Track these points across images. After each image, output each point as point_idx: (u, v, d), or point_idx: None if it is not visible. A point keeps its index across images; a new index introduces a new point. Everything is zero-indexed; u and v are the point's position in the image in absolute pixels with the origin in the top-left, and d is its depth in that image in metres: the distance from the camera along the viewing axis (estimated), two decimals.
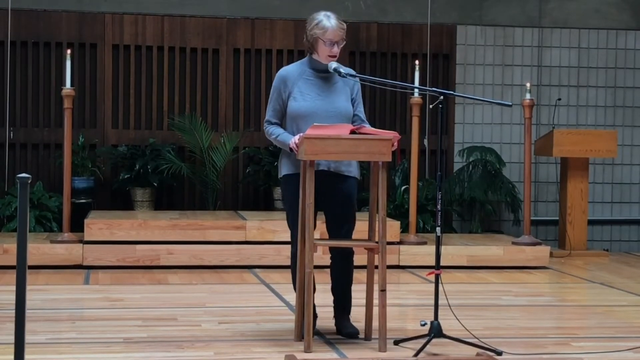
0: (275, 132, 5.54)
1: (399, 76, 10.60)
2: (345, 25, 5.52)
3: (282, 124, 5.56)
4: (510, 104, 5.77)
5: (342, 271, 5.63)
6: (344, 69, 5.51)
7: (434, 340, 5.22)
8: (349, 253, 5.60)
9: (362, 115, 5.64)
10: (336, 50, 5.47)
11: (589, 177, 10.29)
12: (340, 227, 5.55)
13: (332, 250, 5.62)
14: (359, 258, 5.72)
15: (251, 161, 10.39)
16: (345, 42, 5.53)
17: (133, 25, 10.23)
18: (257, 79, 10.42)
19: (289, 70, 5.60)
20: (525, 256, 9.03)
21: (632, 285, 8.11)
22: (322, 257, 6.28)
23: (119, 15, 10.21)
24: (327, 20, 5.46)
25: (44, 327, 5.79)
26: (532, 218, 9.68)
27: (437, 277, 5.30)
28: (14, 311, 3.76)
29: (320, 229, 5.61)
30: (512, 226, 10.56)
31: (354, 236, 5.62)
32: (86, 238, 8.48)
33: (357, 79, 5.64)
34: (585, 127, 10.84)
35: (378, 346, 5.24)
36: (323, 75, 5.52)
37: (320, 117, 5.42)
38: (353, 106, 5.58)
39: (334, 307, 5.68)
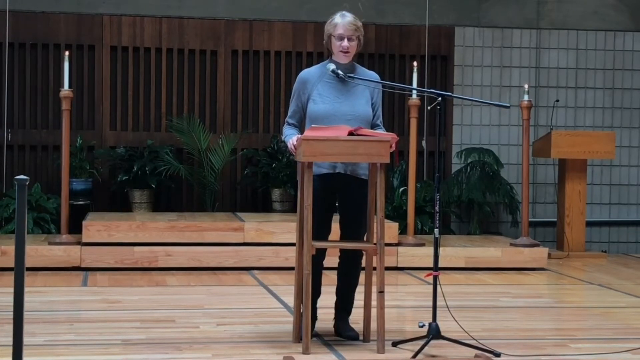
0: (285, 133, 5.58)
1: (397, 78, 10.60)
2: (359, 23, 5.49)
3: (300, 125, 5.57)
4: (509, 105, 5.77)
5: (348, 272, 5.63)
6: (361, 70, 5.51)
7: (433, 342, 5.23)
8: (356, 255, 5.60)
9: (379, 120, 5.61)
10: (346, 44, 5.41)
11: (587, 178, 10.29)
12: (353, 229, 5.55)
13: (341, 251, 5.62)
14: None
15: (249, 163, 10.38)
16: (359, 41, 5.50)
17: (131, 27, 10.23)
18: (255, 81, 10.41)
19: (310, 72, 5.59)
20: (523, 258, 9.04)
21: (630, 287, 8.11)
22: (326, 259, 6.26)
23: (117, 17, 10.20)
24: (340, 18, 5.46)
25: (42, 329, 5.79)
26: (530, 219, 9.67)
27: (435, 278, 5.31)
28: (12, 313, 3.76)
29: (333, 231, 5.58)
30: (510, 228, 10.55)
31: None
32: (84, 240, 8.47)
33: (378, 83, 5.62)
34: (583, 129, 10.84)
35: (376, 348, 5.24)
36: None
37: (338, 119, 5.40)
38: (373, 110, 5.56)
39: (336, 308, 5.68)
